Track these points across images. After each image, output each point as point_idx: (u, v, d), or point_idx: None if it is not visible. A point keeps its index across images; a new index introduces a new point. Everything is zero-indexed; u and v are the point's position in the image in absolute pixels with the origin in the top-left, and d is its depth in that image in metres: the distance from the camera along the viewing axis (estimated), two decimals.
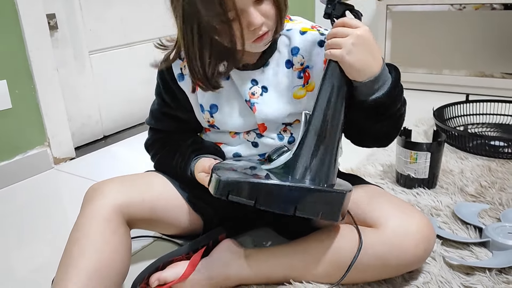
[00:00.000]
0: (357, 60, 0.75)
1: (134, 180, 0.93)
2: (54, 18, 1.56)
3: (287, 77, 0.89)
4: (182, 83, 0.93)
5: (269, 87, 0.90)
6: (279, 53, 0.89)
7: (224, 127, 0.94)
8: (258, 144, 0.93)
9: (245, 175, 0.79)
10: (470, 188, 1.21)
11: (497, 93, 1.96)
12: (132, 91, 1.87)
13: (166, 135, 1.00)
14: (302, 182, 0.76)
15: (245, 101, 0.90)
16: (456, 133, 1.48)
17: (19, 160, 1.46)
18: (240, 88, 0.90)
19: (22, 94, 1.45)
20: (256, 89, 0.89)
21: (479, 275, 0.88)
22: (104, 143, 1.76)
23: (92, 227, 0.79)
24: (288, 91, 0.89)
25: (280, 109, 0.89)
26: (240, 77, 0.90)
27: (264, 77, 0.90)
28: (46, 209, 1.29)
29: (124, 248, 0.81)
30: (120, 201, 0.83)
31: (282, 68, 0.89)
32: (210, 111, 0.93)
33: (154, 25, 1.90)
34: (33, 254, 1.07)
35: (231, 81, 0.90)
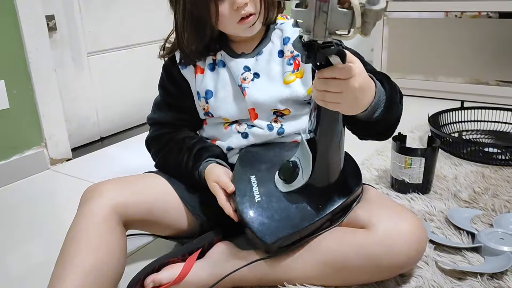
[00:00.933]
0: (353, 107, 0.73)
1: (132, 181, 0.94)
2: (53, 19, 1.57)
3: (278, 65, 0.95)
4: (185, 70, 0.98)
5: (261, 74, 0.95)
6: (273, 44, 0.97)
7: (218, 113, 0.97)
8: (248, 135, 0.97)
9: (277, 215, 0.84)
10: (464, 194, 1.23)
11: (492, 100, 1.98)
12: (129, 93, 1.88)
13: (169, 130, 1.01)
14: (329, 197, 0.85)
15: (238, 86, 0.95)
16: (451, 139, 1.49)
17: (15, 160, 1.46)
18: (234, 74, 0.96)
19: (20, 94, 1.45)
20: (247, 75, 0.95)
21: (471, 280, 0.89)
22: (100, 145, 1.76)
23: (89, 226, 0.80)
24: (279, 77, 0.95)
25: (269, 93, 0.94)
26: (235, 63, 0.96)
27: (257, 65, 0.96)
28: (42, 210, 1.29)
29: (120, 248, 0.82)
30: (117, 201, 0.84)
31: (275, 57, 0.96)
32: (205, 97, 0.97)
33: (153, 27, 1.90)
34: (29, 254, 1.08)
35: (226, 68, 0.96)
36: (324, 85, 0.69)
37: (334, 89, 0.69)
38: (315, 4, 0.58)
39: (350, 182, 0.88)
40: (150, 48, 1.92)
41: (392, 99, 0.82)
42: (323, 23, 0.60)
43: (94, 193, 0.85)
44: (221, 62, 0.97)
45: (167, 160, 0.99)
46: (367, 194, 0.91)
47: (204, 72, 0.98)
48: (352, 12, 0.59)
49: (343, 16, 0.59)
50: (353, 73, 0.68)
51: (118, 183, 0.90)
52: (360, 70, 0.71)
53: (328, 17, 0.59)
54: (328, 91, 0.69)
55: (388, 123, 0.85)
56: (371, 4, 0.58)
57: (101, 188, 0.86)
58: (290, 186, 0.86)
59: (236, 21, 0.89)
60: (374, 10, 0.58)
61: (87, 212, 0.82)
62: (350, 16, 0.59)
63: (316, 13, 0.59)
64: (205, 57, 0.97)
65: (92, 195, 0.85)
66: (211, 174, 0.91)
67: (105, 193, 0.85)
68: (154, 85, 1.99)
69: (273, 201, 0.86)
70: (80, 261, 0.76)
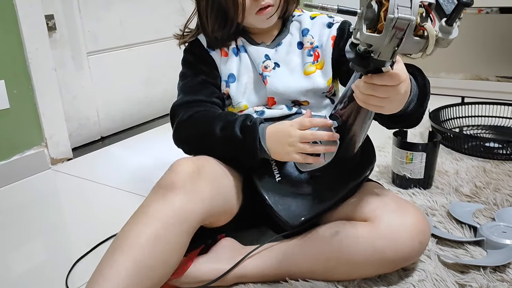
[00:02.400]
0: (396, 108, 0.73)
1: (221, 182, 0.88)
2: (52, 19, 1.57)
3: (298, 56, 0.97)
4: (213, 52, 0.99)
5: (281, 64, 0.97)
6: (291, 36, 0.99)
7: (237, 99, 0.97)
8: (264, 112, 0.96)
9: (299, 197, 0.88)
10: (465, 188, 1.22)
11: (492, 96, 1.98)
12: (130, 92, 1.88)
13: (209, 107, 0.95)
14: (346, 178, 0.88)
15: (259, 74, 0.96)
16: (452, 135, 1.49)
17: (16, 160, 1.46)
18: (255, 61, 0.97)
19: (20, 94, 1.45)
20: (269, 63, 0.96)
21: (474, 273, 0.89)
22: (101, 144, 1.76)
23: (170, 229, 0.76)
24: (299, 68, 0.96)
25: (291, 84, 0.95)
26: (256, 51, 0.97)
27: (277, 55, 0.97)
28: (43, 210, 1.29)
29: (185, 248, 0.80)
30: (206, 211, 0.81)
31: (294, 48, 0.98)
32: (227, 81, 0.98)
33: (152, 27, 1.91)
34: (30, 254, 1.08)
35: (248, 54, 0.98)
36: (371, 90, 0.67)
37: (382, 95, 0.68)
38: (390, 31, 0.56)
39: (366, 162, 0.90)
40: (150, 47, 1.92)
41: (425, 92, 0.82)
42: (393, 48, 0.58)
43: (187, 189, 0.79)
44: (242, 47, 0.98)
45: (205, 120, 0.92)
46: (368, 187, 0.91)
47: (229, 55, 0.98)
48: (426, 40, 0.58)
49: (415, 43, 0.58)
50: (402, 79, 0.67)
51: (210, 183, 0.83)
52: (406, 74, 0.70)
53: (401, 45, 0.57)
54: (374, 95, 0.68)
55: (419, 114, 0.84)
56: (445, 33, 0.58)
57: (195, 187, 0.80)
58: (309, 166, 0.87)
59: (254, 12, 0.91)
60: (447, 40, 0.58)
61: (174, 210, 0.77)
62: (423, 44, 0.58)
63: (388, 39, 0.57)
64: (227, 44, 0.98)
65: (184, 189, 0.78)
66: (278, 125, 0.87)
67: (198, 196, 0.79)
68: (154, 83, 1.98)
69: (293, 182, 0.89)
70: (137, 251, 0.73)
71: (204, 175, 0.82)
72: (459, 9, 0.56)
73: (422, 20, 0.57)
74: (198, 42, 1.00)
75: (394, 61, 0.63)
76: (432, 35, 0.57)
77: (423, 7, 0.57)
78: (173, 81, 2.00)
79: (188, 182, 0.79)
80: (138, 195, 1.30)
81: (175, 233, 0.76)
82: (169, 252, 0.76)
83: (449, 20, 0.57)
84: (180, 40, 1.02)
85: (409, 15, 0.55)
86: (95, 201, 1.32)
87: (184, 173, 0.80)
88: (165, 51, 1.97)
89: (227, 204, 0.89)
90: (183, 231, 0.78)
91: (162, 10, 1.93)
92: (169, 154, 1.58)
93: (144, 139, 1.80)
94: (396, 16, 0.55)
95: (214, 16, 0.94)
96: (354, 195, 0.89)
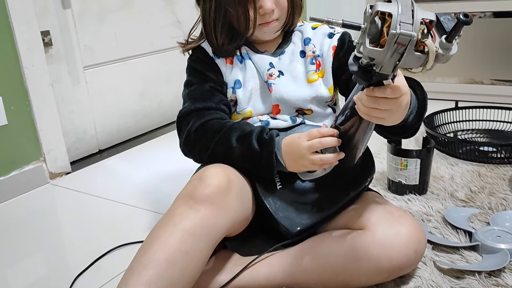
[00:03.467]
0: (397, 120, 0.75)
1: (244, 194, 0.89)
2: (48, 35, 1.58)
3: (301, 65, 0.99)
4: (218, 60, 0.99)
5: (285, 72, 0.98)
6: (294, 45, 1.00)
7: (242, 105, 0.98)
8: (269, 123, 0.97)
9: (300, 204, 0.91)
10: (460, 193, 1.24)
11: (487, 99, 1.99)
12: (126, 105, 1.89)
13: (219, 116, 0.94)
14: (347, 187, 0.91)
15: (264, 82, 0.97)
16: (446, 140, 1.51)
17: (15, 176, 1.47)
18: (259, 69, 0.98)
19: (18, 110, 1.47)
20: (273, 71, 0.98)
21: (469, 278, 0.90)
22: (99, 157, 1.77)
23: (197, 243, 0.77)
24: (302, 76, 0.98)
25: (295, 92, 0.96)
26: (260, 59, 0.98)
27: (280, 63, 0.99)
28: (42, 224, 1.30)
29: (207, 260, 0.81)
30: (231, 224, 0.82)
31: (297, 57, 0.99)
32: (233, 87, 0.98)
33: (147, 39, 1.92)
34: (30, 270, 1.08)
35: (252, 62, 0.99)
36: (373, 103, 0.69)
37: (384, 107, 0.69)
38: (392, 46, 0.58)
39: (365, 172, 0.92)
40: (145, 60, 1.94)
41: (423, 105, 0.84)
42: (394, 62, 0.60)
43: (218, 203, 0.79)
44: (246, 55, 0.99)
45: (216, 128, 0.91)
46: (366, 197, 0.92)
47: (233, 63, 0.99)
48: (426, 56, 0.60)
49: (416, 59, 0.60)
50: (403, 92, 0.69)
51: (239, 197, 0.85)
52: (407, 88, 0.71)
53: (402, 59, 0.59)
54: (376, 108, 0.70)
55: (418, 126, 0.87)
56: (445, 49, 0.60)
57: (225, 201, 0.81)
58: (310, 175, 0.88)
59: (258, 23, 0.92)
60: (447, 56, 0.60)
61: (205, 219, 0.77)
62: (423, 59, 0.60)
63: (390, 54, 0.59)
64: (232, 54, 0.99)
65: (214, 203, 0.79)
66: (288, 138, 0.87)
67: (227, 212, 0.81)
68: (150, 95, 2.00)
69: (294, 190, 0.91)
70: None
71: (234, 189, 0.83)
72: (459, 27, 0.59)
73: (423, 36, 0.60)
74: (203, 49, 1.00)
75: (395, 74, 0.65)
76: (432, 51, 0.59)
77: (424, 24, 0.60)
78: (168, 92, 2.04)
79: (220, 196, 0.80)
80: (137, 207, 1.31)
81: (202, 248, 0.77)
82: (196, 266, 0.77)
83: (448, 37, 0.60)
84: (184, 48, 1.03)
85: (410, 31, 0.57)
86: (94, 215, 1.33)
87: (216, 187, 0.80)
88: (161, 63, 1.99)
89: (245, 216, 0.90)
90: (209, 246, 0.79)
91: (157, 23, 1.95)
92: (167, 165, 1.60)
93: (142, 150, 1.81)
94: (398, 32, 0.57)
95: (224, 31, 0.94)
96: (352, 204, 0.90)
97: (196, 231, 0.76)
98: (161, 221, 0.78)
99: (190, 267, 0.75)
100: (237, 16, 0.91)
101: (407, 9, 0.58)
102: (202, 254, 0.77)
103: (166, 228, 0.76)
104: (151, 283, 0.71)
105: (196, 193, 0.79)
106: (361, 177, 0.92)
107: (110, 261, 1.07)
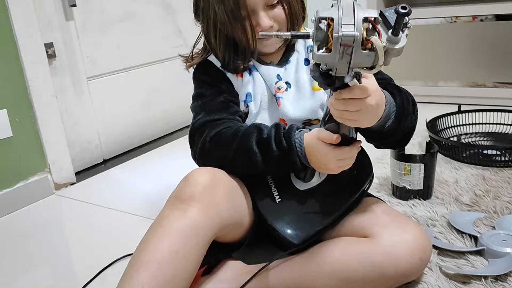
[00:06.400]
0: (371, 121, 0.77)
1: (235, 195, 0.88)
2: (52, 46, 1.60)
3: (306, 73, 0.97)
4: (229, 74, 0.97)
5: (291, 83, 0.97)
6: (298, 53, 0.99)
7: (252, 118, 0.97)
8: None
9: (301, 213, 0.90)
10: (465, 197, 1.23)
11: (490, 102, 1.99)
12: (130, 115, 1.90)
13: (235, 123, 0.92)
14: (345, 193, 0.89)
15: (272, 95, 0.96)
16: (450, 144, 1.50)
17: (20, 187, 1.48)
18: (267, 81, 0.97)
19: (22, 122, 1.48)
20: (281, 84, 0.97)
21: (475, 283, 0.89)
22: (104, 167, 1.78)
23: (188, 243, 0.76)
24: (308, 85, 0.96)
25: (301, 107, 0.95)
26: (267, 70, 0.97)
27: (286, 74, 0.97)
28: (48, 235, 1.30)
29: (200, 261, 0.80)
30: (221, 224, 0.81)
31: (301, 65, 0.98)
32: (245, 101, 0.98)
33: (149, 49, 1.94)
34: (36, 281, 1.09)
35: (260, 74, 0.97)
36: (342, 105, 0.72)
37: (353, 108, 0.72)
38: (338, 49, 0.60)
39: (362, 175, 0.91)
40: (148, 69, 1.95)
41: (403, 109, 0.84)
42: (346, 63, 0.62)
43: (202, 200, 0.79)
44: (253, 67, 0.98)
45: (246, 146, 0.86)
46: (369, 203, 0.92)
47: (243, 76, 0.98)
48: (375, 52, 0.61)
49: (366, 57, 0.62)
50: (370, 92, 0.71)
51: (227, 195, 0.84)
52: (375, 87, 0.73)
53: (352, 59, 0.61)
54: (346, 110, 0.72)
55: (401, 132, 0.86)
56: (393, 43, 0.61)
57: (211, 197, 0.80)
58: (307, 184, 0.90)
59: (258, 38, 0.91)
60: (396, 49, 0.62)
61: (191, 218, 0.77)
62: (373, 56, 0.62)
63: (339, 56, 0.61)
64: (241, 70, 0.97)
65: (201, 201, 0.78)
66: (308, 136, 0.85)
67: (213, 209, 0.79)
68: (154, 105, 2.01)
69: (293, 201, 0.91)
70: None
71: (220, 187, 0.83)
72: (400, 20, 0.60)
73: (368, 34, 0.61)
74: (211, 63, 0.98)
75: (353, 75, 0.67)
76: (379, 47, 0.61)
77: (368, 22, 0.61)
78: (172, 101, 2.05)
79: (205, 194, 0.79)
80: (143, 217, 1.32)
81: (193, 247, 0.76)
82: (188, 266, 0.76)
83: (394, 31, 0.61)
84: (188, 63, 1.02)
85: (352, 31, 0.59)
86: (100, 225, 1.33)
87: (201, 185, 0.80)
88: (163, 73, 2.00)
89: (239, 219, 0.89)
90: (200, 245, 0.78)
91: (159, 32, 1.97)
92: (172, 174, 1.59)
93: (146, 160, 1.82)
94: (341, 34, 0.59)
95: (227, 46, 0.94)
96: (354, 210, 0.90)
97: (184, 231, 0.76)
98: (151, 226, 0.79)
99: (182, 266, 0.75)
100: (234, 34, 0.91)
101: (349, 11, 0.60)
102: (193, 253, 0.77)
103: (155, 231, 0.77)
104: (144, 285, 0.71)
105: (182, 193, 0.79)
106: (359, 181, 0.91)
107: (115, 271, 1.07)
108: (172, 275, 0.74)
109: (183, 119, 2.11)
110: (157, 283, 0.72)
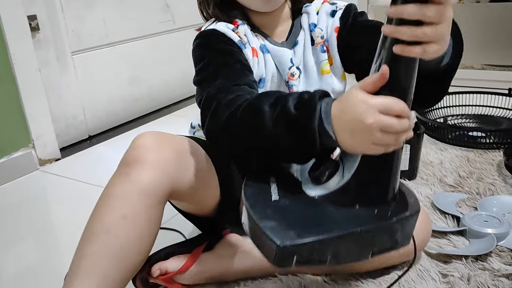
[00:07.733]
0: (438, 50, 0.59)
1: (188, 157, 0.81)
2: (35, 19, 1.55)
3: (313, 54, 0.90)
4: (246, 50, 0.86)
5: (301, 68, 0.90)
6: (304, 32, 0.90)
7: None
8: None
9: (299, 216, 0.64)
10: (449, 178, 1.25)
11: (477, 84, 1.99)
12: (116, 90, 1.88)
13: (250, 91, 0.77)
14: (371, 215, 0.63)
15: (285, 81, 0.89)
16: (436, 125, 1.51)
17: (4, 163, 1.46)
18: (280, 66, 0.89)
19: (5, 96, 1.45)
20: (294, 70, 0.89)
21: (456, 262, 0.91)
22: (89, 143, 1.76)
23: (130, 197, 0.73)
24: (315, 69, 0.90)
25: None
26: (282, 54, 0.88)
27: (296, 58, 0.90)
28: (32, 211, 1.29)
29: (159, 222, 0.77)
30: (172, 184, 0.76)
31: (308, 45, 0.90)
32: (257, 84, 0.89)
33: (135, 24, 1.90)
34: (20, 256, 1.08)
35: (272, 57, 0.88)
36: (419, 12, 0.54)
37: (432, 17, 0.54)
38: None
39: (400, 205, 0.66)
40: (134, 45, 1.91)
41: (459, 44, 0.71)
42: None
43: (147, 161, 0.74)
44: (264, 47, 0.88)
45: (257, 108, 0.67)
46: None
47: (259, 56, 0.87)
48: None
49: None
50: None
51: (173, 152, 0.78)
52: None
53: None
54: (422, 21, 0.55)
55: (451, 74, 0.74)
56: None
57: (158, 157, 0.75)
58: (322, 188, 0.67)
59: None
60: None
61: (135, 180, 0.73)
62: None
63: None
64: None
65: (146, 162, 0.74)
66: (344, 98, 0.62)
67: (159, 165, 0.74)
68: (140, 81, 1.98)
69: (294, 203, 0.66)
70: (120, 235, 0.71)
71: (166, 145, 0.77)
72: None
73: None
74: (223, 34, 0.85)
75: None
76: None
77: None
78: (158, 78, 2.02)
79: (149, 155, 0.74)
80: None
81: (142, 210, 0.72)
82: (141, 230, 0.72)
83: None
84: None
85: None
86: (85, 201, 1.32)
87: (145, 146, 0.76)
88: (150, 49, 1.96)
89: (202, 185, 0.82)
90: (151, 205, 0.73)
91: (146, 7, 1.92)
92: None
93: (132, 136, 1.78)
94: None
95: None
96: None
97: (129, 194, 0.72)
98: (100, 197, 0.76)
99: (134, 231, 0.71)
100: None
101: None
102: (143, 216, 0.72)
103: (102, 200, 0.74)
104: (97, 255, 0.70)
105: (125, 158, 0.76)
106: (392, 208, 0.65)
107: None
108: (125, 240, 0.71)
109: (169, 96, 2.08)
110: (110, 250, 0.70)
